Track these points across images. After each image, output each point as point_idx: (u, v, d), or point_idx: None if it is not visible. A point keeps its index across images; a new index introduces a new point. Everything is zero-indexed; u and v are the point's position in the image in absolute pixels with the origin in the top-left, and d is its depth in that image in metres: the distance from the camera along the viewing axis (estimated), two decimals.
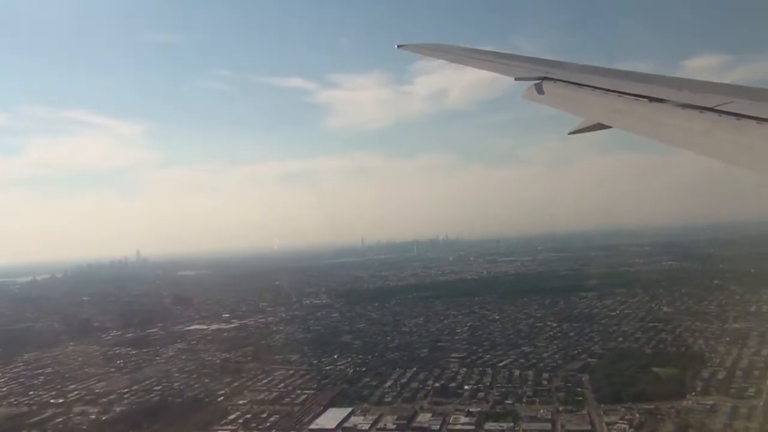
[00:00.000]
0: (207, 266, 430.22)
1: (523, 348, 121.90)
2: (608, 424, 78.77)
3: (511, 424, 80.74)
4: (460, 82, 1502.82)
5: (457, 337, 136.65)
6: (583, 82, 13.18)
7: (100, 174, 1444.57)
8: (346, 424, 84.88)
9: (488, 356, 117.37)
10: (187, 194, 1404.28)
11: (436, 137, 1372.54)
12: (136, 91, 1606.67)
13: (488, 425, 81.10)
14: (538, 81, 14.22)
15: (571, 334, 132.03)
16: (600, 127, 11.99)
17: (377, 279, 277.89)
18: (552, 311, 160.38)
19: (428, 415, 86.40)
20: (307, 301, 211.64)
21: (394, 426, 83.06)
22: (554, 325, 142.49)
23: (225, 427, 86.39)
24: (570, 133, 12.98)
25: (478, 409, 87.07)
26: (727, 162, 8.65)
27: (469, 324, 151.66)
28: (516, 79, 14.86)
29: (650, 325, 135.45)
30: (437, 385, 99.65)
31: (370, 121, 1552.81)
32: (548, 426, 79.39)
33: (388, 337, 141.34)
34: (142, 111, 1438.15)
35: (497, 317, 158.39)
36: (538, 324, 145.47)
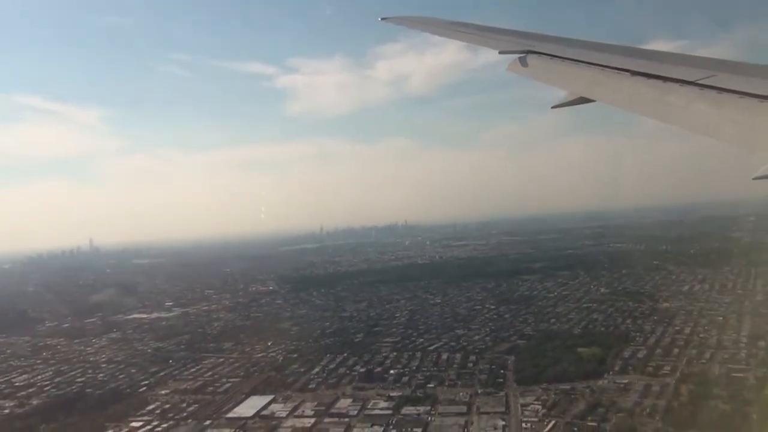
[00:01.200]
0: (163, 255, 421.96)
1: (456, 331, 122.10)
2: (523, 405, 79.20)
3: (428, 408, 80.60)
4: (422, 67, 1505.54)
5: (395, 322, 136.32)
6: (566, 56, 13.18)
7: (57, 161, 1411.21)
8: (264, 412, 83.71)
9: (421, 340, 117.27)
10: (146, 181, 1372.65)
11: (399, 122, 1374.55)
12: (92, 76, 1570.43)
13: (405, 409, 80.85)
14: (522, 54, 14.19)
15: (507, 316, 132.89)
16: (583, 100, 11.79)
17: (329, 265, 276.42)
18: (493, 294, 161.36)
19: (348, 401, 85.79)
20: (254, 288, 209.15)
21: (312, 412, 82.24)
22: (492, 307, 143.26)
23: (141, 419, 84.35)
24: (553, 107, 12.68)
25: (399, 394, 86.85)
26: (707, 135, 8.62)
27: (410, 308, 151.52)
28: (500, 52, 14.75)
29: (584, 306, 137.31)
30: (363, 370, 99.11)
31: (332, 106, 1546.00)
32: (464, 408, 79.43)
33: (327, 323, 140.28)
34: (99, 97, 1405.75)
35: (439, 301, 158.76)
36: (477, 307, 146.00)
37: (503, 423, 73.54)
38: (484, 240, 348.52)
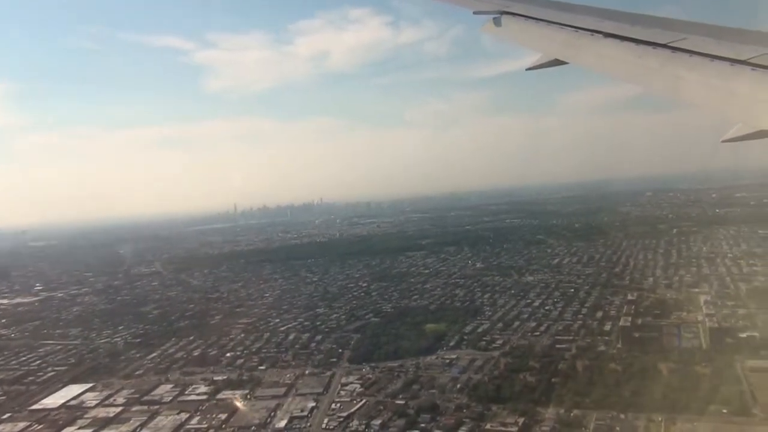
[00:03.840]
0: (63, 236, 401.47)
1: (317, 310, 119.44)
2: (343, 385, 77.25)
3: (247, 391, 77.50)
4: (343, 43, 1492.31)
5: (260, 302, 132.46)
6: (541, 17, 12.97)
7: None
8: (73, 402, 78.47)
9: (277, 321, 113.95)
10: (55, 160, 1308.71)
11: (321, 99, 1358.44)
12: None
13: (223, 393, 77.49)
14: (497, 15, 13.93)
15: (374, 294, 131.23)
16: (557, 62, 11.64)
17: (227, 244, 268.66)
18: (372, 271, 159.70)
19: (169, 387, 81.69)
20: (136, 270, 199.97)
21: (124, 400, 77.68)
22: (364, 285, 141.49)
23: None
24: (528, 69, 12.32)
25: (224, 377, 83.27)
26: (678, 98, 8.83)
27: (283, 287, 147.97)
28: (474, 12, 14.51)
29: (453, 281, 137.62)
30: (197, 354, 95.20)
31: (252, 82, 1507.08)
32: (283, 391, 76.69)
33: (192, 305, 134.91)
34: (4, 71, 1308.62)
35: (316, 279, 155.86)
36: (350, 285, 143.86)
37: (313, 405, 71.19)
38: (393, 218, 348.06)
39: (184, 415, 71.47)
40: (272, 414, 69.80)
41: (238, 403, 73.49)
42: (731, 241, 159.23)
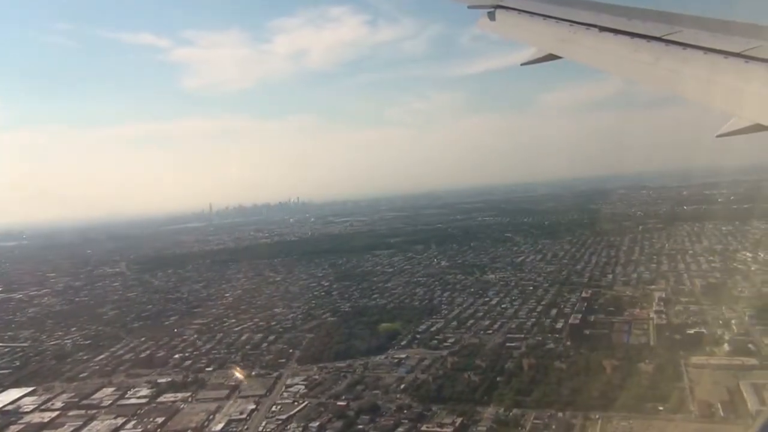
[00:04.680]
0: (35, 236, 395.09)
1: (275, 310, 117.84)
2: (288, 386, 75.96)
3: (189, 394, 75.86)
4: (322, 42, 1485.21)
5: (219, 302, 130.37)
6: (536, 11, 12.83)
7: None
8: (9, 407, 76.22)
9: (233, 321, 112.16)
10: (28, 158, 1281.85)
11: (300, 98, 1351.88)
12: None
13: (164, 396, 75.78)
14: (492, 9, 13.82)
15: (335, 293, 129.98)
16: (551, 57, 11.51)
17: (198, 244, 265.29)
18: (337, 270, 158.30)
19: (110, 390, 79.66)
20: (100, 270, 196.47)
21: (62, 404, 75.60)
22: (326, 284, 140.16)
23: None
24: (522, 65, 12.27)
25: (168, 380, 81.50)
26: (672, 92, 8.88)
27: (245, 287, 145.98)
28: (469, 6, 14.36)
29: (415, 280, 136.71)
30: (145, 355, 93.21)
31: (230, 81, 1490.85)
32: (225, 393, 75.19)
33: (150, 306, 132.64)
34: None
35: (279, 279, 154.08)
36: (312, 284, 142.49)
37: (253, 407, 69.77)
38: (368, 216, 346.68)
39: (120, 420, 69.63)
40: (211, 417, 68.28)
41: (183, 406, 71.90)
42: (694, 238, 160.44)
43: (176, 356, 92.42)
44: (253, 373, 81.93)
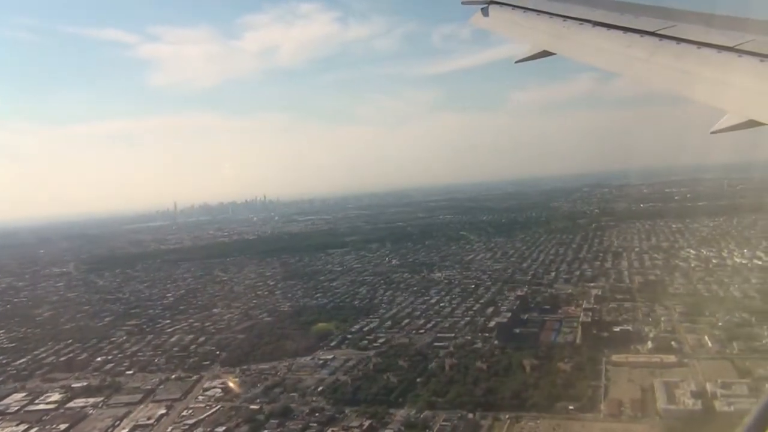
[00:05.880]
0: None
1: (214, 310, 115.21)
2: (205, 389, 73.72)
3: (101, 399, 73.08)
4: (292, 39, 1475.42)
5: (159, 303, 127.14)
6: (529, 6, 12.61)
7: None
8: None
9: (167, 322, 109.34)
10: None
11: (270, 95, 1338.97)
12: None
13: (75, 402, 72.94)
14: (485, 5, 13.51)
15: (278, 292, 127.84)
16: (545, 54, 11.10)
17: (155, 243, 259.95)
18: (286, 270, 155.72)
19: (21, 395, 76.50)
20: (47, 270, 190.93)
21: None
22: (271, 284, 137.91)
23: None
24: (517, 62, 11.81)
25: (84, 384, 78.61)
26: (665, 87, 8.79)
27: (190, 287, 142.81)
28: (462, 3, 14.15)
29: (361, 279, 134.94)
30: (67, 358, 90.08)
31: (199, 78, 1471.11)
32: (139, 397, 72.60)
33: (87, 307, 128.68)
34: None
35: (226, 278, 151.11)
36: (258, 284, 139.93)
37: (164, 412, 67.34)
38: (332, 215, 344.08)
39: (22, 427, 66.62)
40: (117, 423, 65.72)
41: (92, 411, 69.20)
42: (643, 236, 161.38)
43: (99, 359, 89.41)
44: (173, 376, 79.43)
